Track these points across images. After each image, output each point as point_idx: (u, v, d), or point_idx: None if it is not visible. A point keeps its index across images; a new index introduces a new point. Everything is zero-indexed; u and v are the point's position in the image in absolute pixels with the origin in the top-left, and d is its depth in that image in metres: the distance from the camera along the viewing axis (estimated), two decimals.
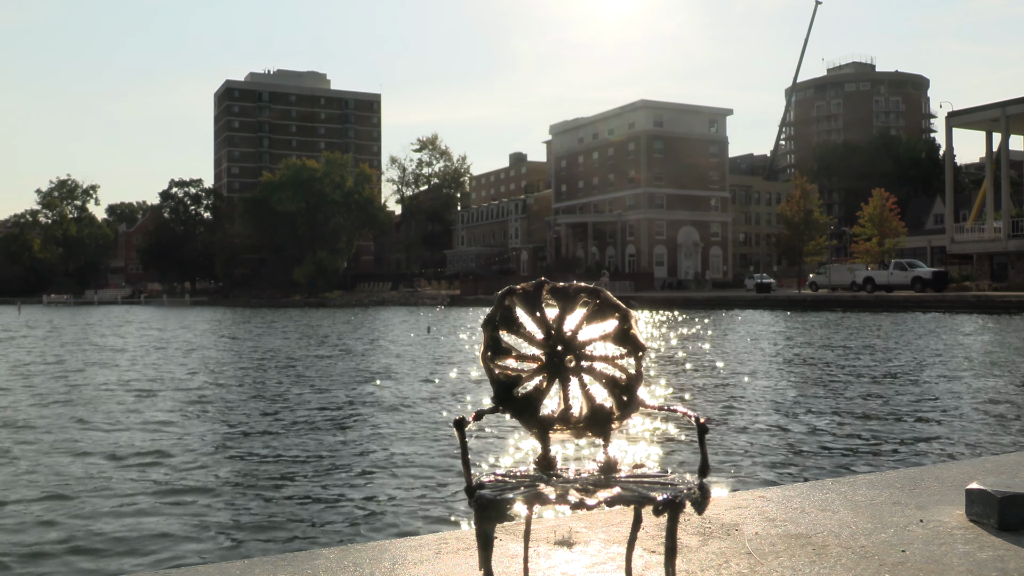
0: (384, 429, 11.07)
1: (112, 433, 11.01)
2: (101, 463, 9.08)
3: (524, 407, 2.61)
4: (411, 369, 19.31)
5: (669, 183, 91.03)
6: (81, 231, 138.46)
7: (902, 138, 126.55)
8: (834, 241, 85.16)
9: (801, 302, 53.64)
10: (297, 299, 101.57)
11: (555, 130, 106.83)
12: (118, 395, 15.12)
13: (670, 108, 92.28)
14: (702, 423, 2.42)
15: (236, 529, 6.64)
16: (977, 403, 12.57)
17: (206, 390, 15.96)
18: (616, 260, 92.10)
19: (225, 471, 8.70)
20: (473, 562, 2.90)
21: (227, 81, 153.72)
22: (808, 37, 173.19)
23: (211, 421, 12.15)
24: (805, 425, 10.89)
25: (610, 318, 2.55)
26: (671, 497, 2.27)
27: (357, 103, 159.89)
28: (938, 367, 17.64)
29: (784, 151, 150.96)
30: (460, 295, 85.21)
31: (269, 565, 2.95)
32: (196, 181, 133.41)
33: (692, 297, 65.19)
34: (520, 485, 2.43)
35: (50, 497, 7.59)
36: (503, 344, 2.60)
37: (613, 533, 3.30)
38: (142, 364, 21.71)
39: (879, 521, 3.45)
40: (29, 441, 10.49)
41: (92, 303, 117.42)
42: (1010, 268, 53.20)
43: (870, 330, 30.20)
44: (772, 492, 4.03)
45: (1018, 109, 53.62)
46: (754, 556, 3.01)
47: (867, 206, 67.93)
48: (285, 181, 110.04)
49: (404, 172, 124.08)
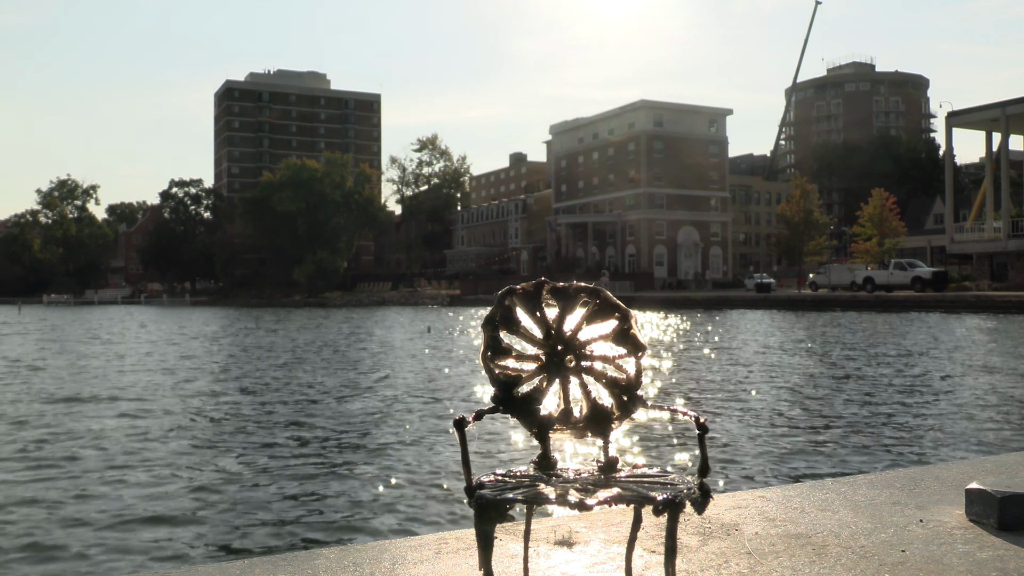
0: (384, 429, 11.07)
1: (112, 433, 11.01)
2: (101, 463, 9.08)
3: (524, 407, 2.61)
4: (411, 369, 19.31)
5: (669, 183, 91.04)
6: (81, 231, 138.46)
7: (902, 138, 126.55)
8: (834, 241, 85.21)
9: (801, 302, 53.63)
10: (297, 299, 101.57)
11: (555, 130, 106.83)
12: (118, 395, 15.12)
13: (670, 108, 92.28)
14: (702, 423, 2.42)
15: (236, 529, 6.65)
16: (977, 403, 12.57)
17: (205, 390, 15.96)
18: (616, 260, 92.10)
19: (225, 471, 8.70)
20: (473, 562, 2.90)
21: (227, 81, 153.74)
22: (808, 37, 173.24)
23: (210, 421, 12.15)
24: (805, 425, 10.89)
25: (610, 318, 2.55)
26: (671, 497, 2.27)
27: (357, 103, 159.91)
28: (938, 367, 17.64)
29: (784, 151, 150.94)
30: (460, 295, 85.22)
31: (269, 565, 2.96)
32: (196, 181, 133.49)
33: (692, 297, 65.18)
34: (520, 485, 2.43)
35: (50, 497, 7.59)
36: (503, 344, 2.60)
37: (613, 533, 3.30)
38: (143, 364, 21.71)
39: (879, 521, 3.45)
40: (29, 441, 10.49)
41: (92, 303, 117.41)
42: (1010, 268, 53.20)
43: (870, 330, 30.19)
44: (772, 492, 4.03)
45: (1018, 109, 53.61)
46: (754, 556, 3.01)
47: (867, 206, 67.97)
48: (285, 181, 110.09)
49: (404, 172, 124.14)
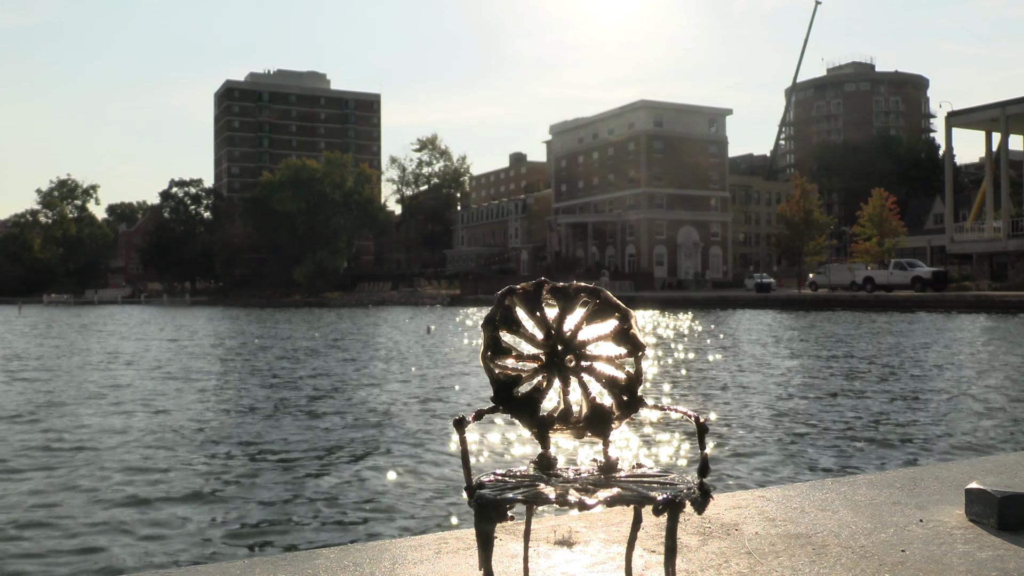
0: (384, 429, 11.07)
1: (111, 433, 11.01)
2: (100, 463, 9.08)
3: (524, 407, 2.61)
4: (411, 369, 19.31)
5: (669, 183, 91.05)
6: (81, 231, 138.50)
7: (902, 138, 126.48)
8: (834, 241, 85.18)
9: (801, 302, 53.63)
10: (297, 299, 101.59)
11: (555, 130, 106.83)
12: (118, 395, 15.12)
13: (670, 108, 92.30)
14: (702, 423, 2.42)
15: (236, 529, 6.65)
16: (977, 403, 12.58)
17: (205, 390, 15.97)
18: (616, 260, 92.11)
19: (224, 471, 8.70)
20: (473, 562, 2.90)
21: (227, 81, 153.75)
22: (808, 37, 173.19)
23: (210, 421, 12.15)
24: (805, 425, 10.89)
25: (610, 318, 2.55)
26: (671, 497, 2.27)
27: (357, 103, 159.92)
28: (938, 367, 17.64)
29: (784, 151, 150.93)
30: (460, 295, 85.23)
31: (269, 565, 2.95)
32: (196, 181, 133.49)
33: (692, 297, 65.19)
34: (520, 485, 2.43)
35: (50, 497, 7.59)
36: (503, 344, 2.60)
37: (613, 533, 3.30)
38: (143, 365, 21.71)
39: (879, 521, 3.45)
40: (29, 440, 10.49)
41: (92, 303, 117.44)
42: (1010, 268, 53.20)
43: (870, 330, 30.20)
44: (772, 492, 4.03)
45: (1018, 109, 53.62)
46: (754, 556, 3.01)
47: (867, 206, 67.93)
48: (285, 181, 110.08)
49: (404, 172, 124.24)
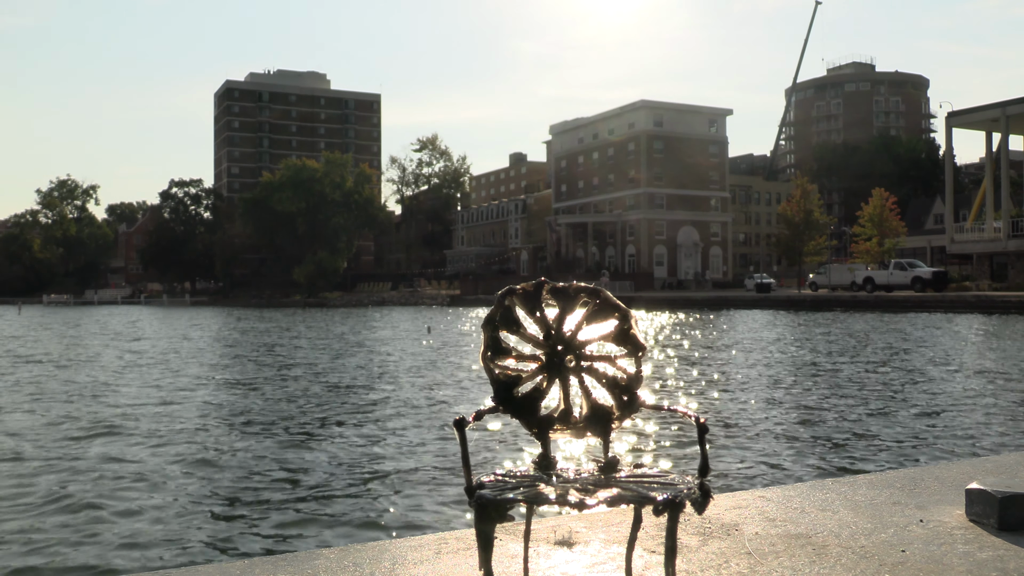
0: (384, 429, 11.07)
1: (112, 433, 11.01)
2: (100, 462, 9.08)
3: (524, 407, 2.61)
4: (410, 369, 19.31)
5: (669, 183, 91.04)
6: (81, 231, 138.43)
7: (902, 138, 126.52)
8: (834, 241, 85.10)
9: (801, 302, 53.63)
10: (297, 299, 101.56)
11: (555, 130, 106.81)
12: (119, 395, 15.12)
13: (670, 108, 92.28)
14: (702, 423, 2.42)
15: (236, 529, 6.64)
16: (977, 403, 12.57)
17: (206, 390, 15.96)
18: (616, 260, 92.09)
19: (225, 471, 8.70)
20: (473, 562, 2.90)
21: (227, 81, 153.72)
22: (808, 37, 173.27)
23: (210, 422, 12.14)
24: (805, 425, 10.89)
25: (610, 318, 2.55)
26: (671, 497, 2.27)
27: (357, 103, 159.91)
28: (937, 367, 17.64)
29: (784, 151, 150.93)
30: (460, 295, 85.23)
31: (269, 565, 2.95)
32: (196, 181, 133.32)
33: (692, 297, 65.17)
34: (520, 485, 2.43)
35: (50, 496, 7.59)
36: (503, 344, 2.60)
37: (613, 533, 3.30)
38: (144, 364, 21.70)
39: (879, 521, 3.45)
40: (29, 440, 10.49)
41: (92, 303, 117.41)
42: (1010, 268, 53.19)
43: (869, 330, 30.19)
44: (772, 492, 4.03)
45: (1018, 109, 53.60)
46: (754, 556, 3.01)
47: (867, 206, 67.92)
48: (285, 181, 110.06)
49: (404, 172, 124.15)
